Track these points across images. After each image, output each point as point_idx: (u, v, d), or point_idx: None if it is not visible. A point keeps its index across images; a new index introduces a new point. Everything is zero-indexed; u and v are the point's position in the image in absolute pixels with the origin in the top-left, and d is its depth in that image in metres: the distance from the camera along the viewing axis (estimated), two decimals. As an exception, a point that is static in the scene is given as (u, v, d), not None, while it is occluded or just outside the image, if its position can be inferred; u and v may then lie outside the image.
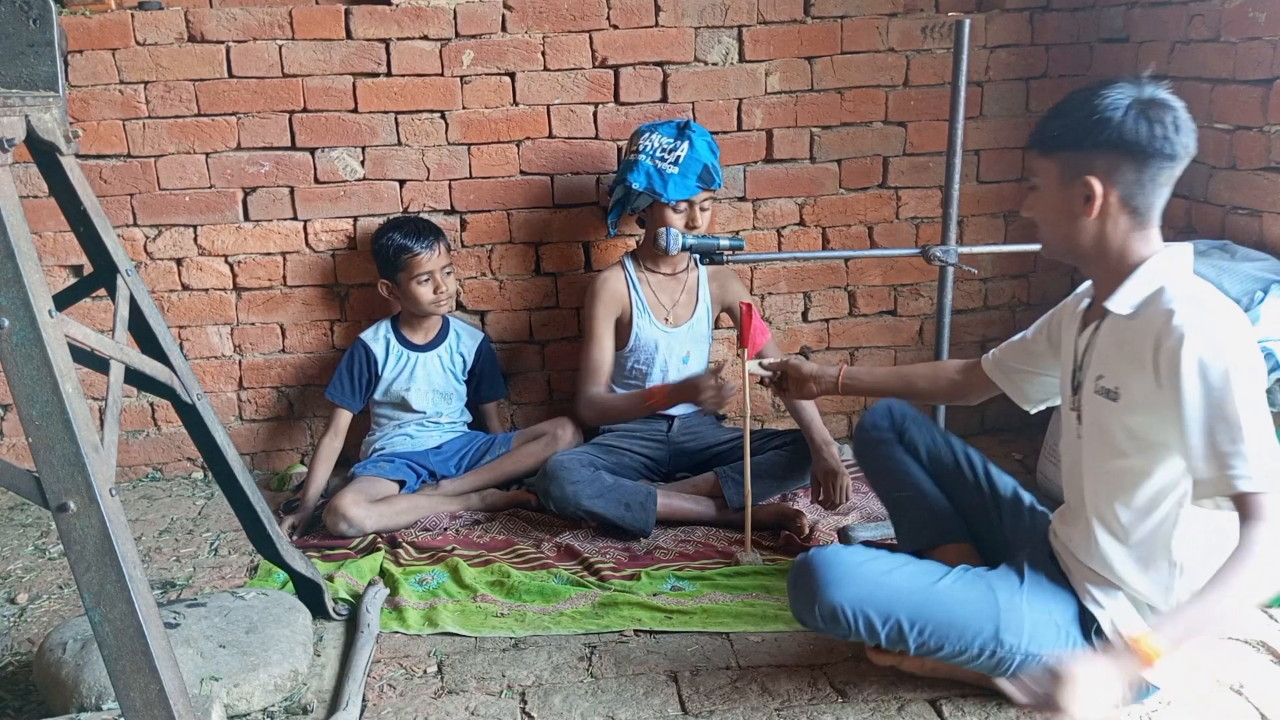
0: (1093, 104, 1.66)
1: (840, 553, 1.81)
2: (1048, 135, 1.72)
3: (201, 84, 2.90)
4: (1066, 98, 1.73)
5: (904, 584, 1.77)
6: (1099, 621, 1.76)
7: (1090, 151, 1.66)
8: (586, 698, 1.96)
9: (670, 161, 2.71)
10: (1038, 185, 1.77)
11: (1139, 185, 1.66)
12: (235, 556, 2.60)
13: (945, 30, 3.08)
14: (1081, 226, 1.71)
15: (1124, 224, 1.69)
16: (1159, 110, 1.64)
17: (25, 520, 2.85)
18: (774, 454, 2.74)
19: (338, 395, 2.93)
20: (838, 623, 1.76)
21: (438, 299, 2.87)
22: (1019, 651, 1.75)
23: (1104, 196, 1.67)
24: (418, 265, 2.82)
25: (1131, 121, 1.63)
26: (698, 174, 2.72)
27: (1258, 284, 2.36)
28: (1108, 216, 1.69)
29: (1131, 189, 1.66)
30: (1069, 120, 1.68)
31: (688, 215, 2.76)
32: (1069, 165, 1.70)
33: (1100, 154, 1.66)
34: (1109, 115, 1.64)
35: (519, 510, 2.81)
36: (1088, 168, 1.67)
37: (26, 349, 1.44)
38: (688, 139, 2.74)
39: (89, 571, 1.45)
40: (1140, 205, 1.68)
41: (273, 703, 1.94)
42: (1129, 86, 1.66)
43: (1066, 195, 1.71)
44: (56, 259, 2.96)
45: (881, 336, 3.30)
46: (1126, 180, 1.66)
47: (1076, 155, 1.68)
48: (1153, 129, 1.63)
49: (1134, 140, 1.63)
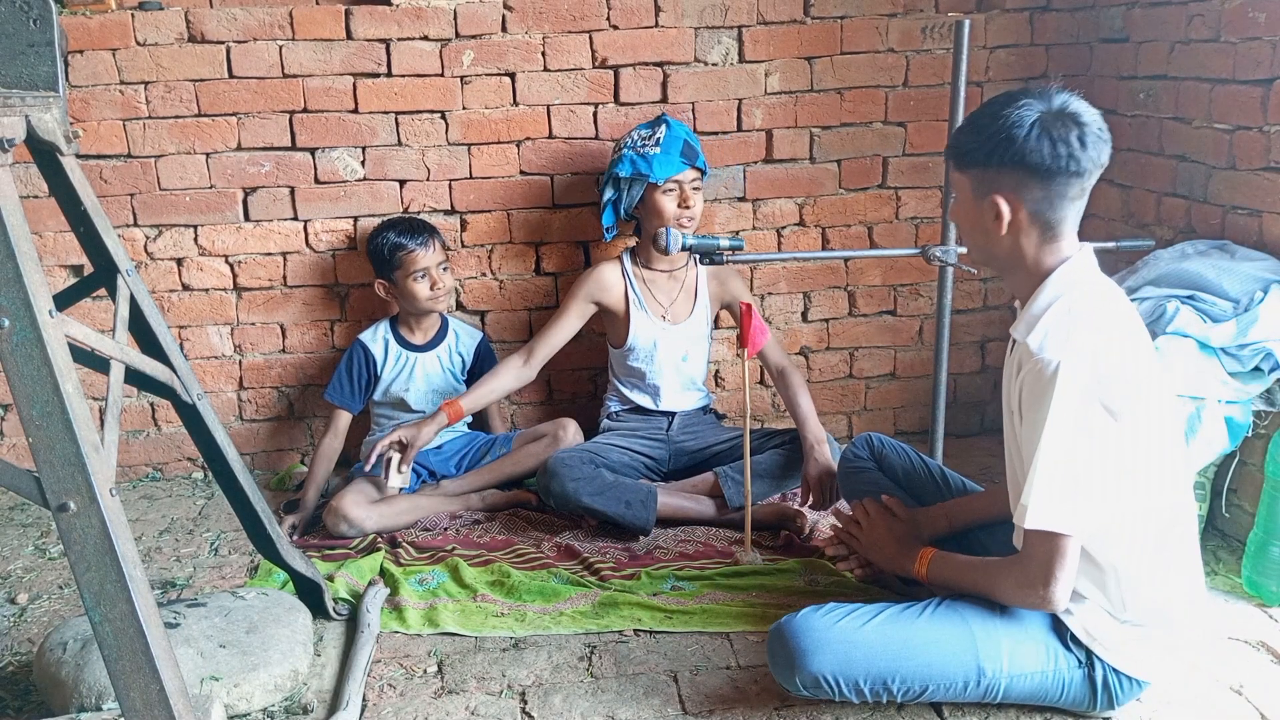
0: (998, 122, 1.67)
1: (810, 618, 1.80)
2: (959, 151, 1.75)
3: (202, 84, 2.90)
4: (978, 110, 1.75)
5: (879, 636, 1.77)
6: (1071, 629, 1.77)
7: (997, 169, 1.68)
8: (586, 698, 1.96)
9: (652, 143, 2.74)
10: (956, 197, 1.80)
11: (1047, 201, 1.68)
12: (235, 556, 2.60)
13: (945, 30, 3.08)
14: (995, 240, 1.74)
15: (1035, 237, 1.72)
16: (1064, 127, 1.64)
17: (25, 520, 2.85)
18: (774, 453, 2.74)
19: (337, 396, 2.93)
20: (821, 689, 1.77)
21: (435, 295, 2.87)
22: (1001, 676, 1.77)
23: (1013, 214, 1.70)
24: (413, 262, 2.82)
25: (1035, 140, 1.64)
26: (680, 150, 2.73)
27: (1258, 284, 2.36)
28: (1019, 231, 1.72)
29: (1040, 205, 1.69)
30: (978, 137, 1.70)
31: (679, 196, 2.75)
32: (979, 182, 1.72)
33: (1006, 172, 1.68)
34: (1014, 133, 1.65)
35: (519, 510, 2.81)
36: (996, 185, 1.70)
37: (27, 349, 1.44)
38: (664, 123, 2.78)
39: (89, 571, 1.45)
40: (1051, 220, 1.70)
41: (273, 703, 1.94)
42: (1037, 100, 1.66)
43: (979, 210, 1.74)
44: (56, 259, 2.96)
45: (881, 336, 3.30)
46: (1034, 197, 1.68)
47: (985, 172, 1.71)
48: (1055, 147, 1.64)
49: (1038, 160, 1.65)
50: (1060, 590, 1.69)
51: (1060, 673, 1.78)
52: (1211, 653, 2.04)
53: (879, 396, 3.34)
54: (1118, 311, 1.74)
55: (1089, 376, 1.62)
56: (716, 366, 3.25)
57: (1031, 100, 1.67)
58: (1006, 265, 1.78)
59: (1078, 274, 1.72)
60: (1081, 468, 1.64)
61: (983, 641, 1.77)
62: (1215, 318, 2.33)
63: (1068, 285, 1.71)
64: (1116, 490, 1.67)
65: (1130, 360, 1.68)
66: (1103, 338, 1.66)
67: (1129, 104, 3.00)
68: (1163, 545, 1.75)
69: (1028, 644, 1.78)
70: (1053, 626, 1.79)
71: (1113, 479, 1.66)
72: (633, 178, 2.75)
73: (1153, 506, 1.73)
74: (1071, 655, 1.77)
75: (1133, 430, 1.66)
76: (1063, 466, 1.63)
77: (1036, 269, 1.74)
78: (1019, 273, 1.77)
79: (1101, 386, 1.62)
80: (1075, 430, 1.62)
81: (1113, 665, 1.76)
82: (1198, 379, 2.27)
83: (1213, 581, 2.33)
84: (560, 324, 2.83)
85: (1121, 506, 1.68)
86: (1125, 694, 1.80)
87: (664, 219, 2.73)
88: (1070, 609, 1.77)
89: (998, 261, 1.79)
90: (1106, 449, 1.64)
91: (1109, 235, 2.98)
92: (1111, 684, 1.77)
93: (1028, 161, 1.65)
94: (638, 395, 2.92)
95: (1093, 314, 1.68)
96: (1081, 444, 1.63)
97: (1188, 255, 2.56)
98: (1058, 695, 1.80)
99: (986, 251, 1.79)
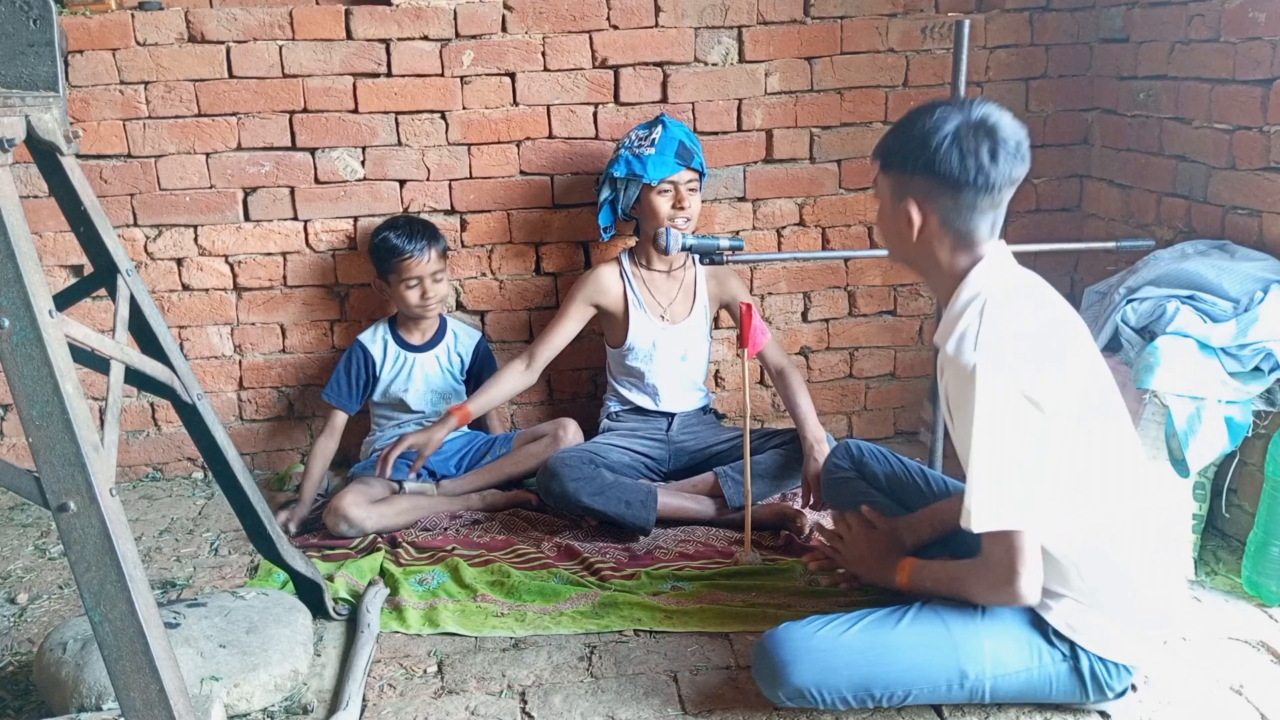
0: (917, 129, 1.69)
1: (790, 629, 1.81)
2: (883, 151, 1.77)
3: (202, 84, 2.90)
4: (906, 115, 1.77)
5: (858, 642, 1.77)
6: (1051, 624, 1.78)
7: (911, 176, 1.71)
8: (586, 698, 1.96)
9: (647, 144, 2.75)
10: (878, 197, 1.82)
11: (956, 212, 1.70)
12: (235, 556, 2.60)
13: (945, 30, 3.08)
14: (909, 245, 1.76)
15: (948, 244, 1.74)
16: (977, 140, 1.65)
17: (25, 520, 2.85)
18: (774, 453, 2.74)
19: (335, 397, 2.93)
20: (806, 700, 1.78)
21: (424, 304, 2.86)
22: (985, 677, 1.77)
23: (923, 220, 1.72)
24: (406, 269, 2.82)
25: (945, 151, 1.65)
26: (675, 151, 2.73)
27: (1257, 284, 2.36)
28: (931, 238, 1.74)
29: (949, 215, 1.71)
30: (898, 140, 1.72)
31: (673, 197, 2.75)
32: (896, 185, 1.75)
33: (919, 180, 1.70)
34: (927, 141, 1.67)
35: (519, 510, 2.80)
36: (909, 190, 1.72)
37: (26, 349, 1.44)
38: (661, 124, 2.78)
39: (89, 571, 1.45)
40: (961, 229, 1.72)
41: (273, 702, 1.94)
42: (957, 111, 1.67)
43: (895, 214, 1.76)
44: (56, 259, 2.96)
45: (881, 336, 3.30)
46: (944, 206, 1.70)
47: (901, 177, 1.73)
48: (964, 160, 1.65)
49: (947, 171, 1.66)
50: (1026, 583, 1.70)
51: (1045, 668, 1.78)
52: (1210, 652, 2.04)
53: (879, 396, 3.34)
54: (1036, 305, 1.74)
55: (1006, 371, 1.63)
56: (716, 366, 3.25)
57: (952, 110, 1.68)
58: (922, 269, 1.82)
59: (991, 274, 1.74)
60: (1014, 463, 1.64)
61: (963, 643, 1.77)
62: (1215, 318, 2.33)
63: (982, 286, 1.73)
64: (1058, 480, 1.67)
65: (1049, 351, 1.68)
66: (1014, 332, 1.67)
67: (1129, 104, 3.00)
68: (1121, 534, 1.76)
69: (1009, 643, 1.78)
70: (1033, 623, 1.79)
71: (1050, 469, 1.67)
72: (627, 178, 2.76)
73: (1103, 495, 1.73)
74: (1055, 649, 1.78)
75: (1063, 421, 1.66)
76: (997, 464, 1.64)
77: (951, 272, 1.76)
78: (934, 276, 1.80)
79: (1020, 380, 1.63)
80: (1002, 426, 1.63)
81: (1097, 654, 1.77)
82: (1198, 379, 2.27)
83: (1213, 581, 2.33)
84: (560, 327, 2.83)
85: (1068, 496, 1.69)
86: (1115, 680, 1.80)
87: (659, 220, 2.73)
88: (1049, 604, 1.77)
89: (913, 265, 1.82)
90: (1035, 440, 1.65)
91: (1109, 235, 2.98)
92: (1099, 673, 1.78)
93: (937, 171, 1.67)
94: (637, 395, 2.92)
95: (1004, 310, 1.69)
96: (1011, 439, 1.64)
97: (1188, 255, 2.56)
98: (1047, 690, 1.80)
99: (902, 254, 1.82)
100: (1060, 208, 3.25)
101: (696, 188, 2.79)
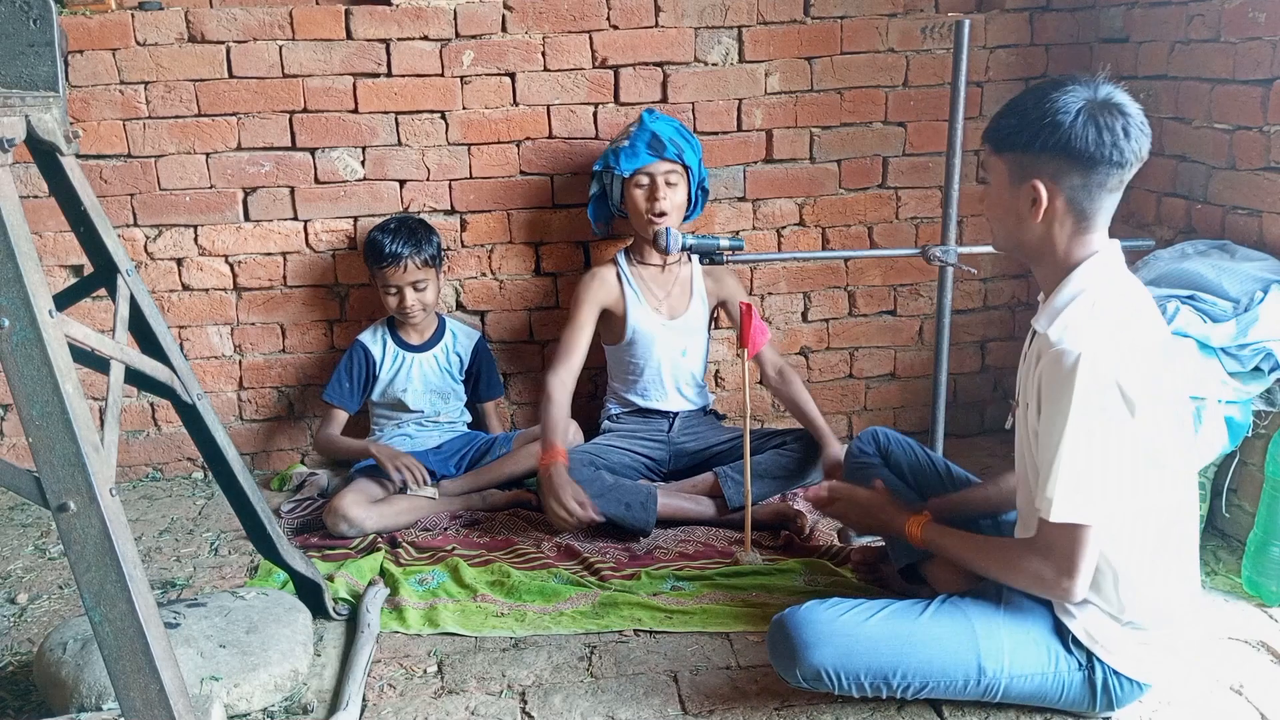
0: (1044, 106, 1.65)
1: (814, 610, 1.80)
2: (999, 133, 1.73)
3: (202, 84, 2.90)
4: (1021, 94, 1.73)
5: (881, 631, 1.77)
6: (1073, 632, 1.77)
7: (1038, 154, 1.67)
8: (586, 698, 1.96)
9: (623, 139, 2.79)
10: (989, 182, 1.79)
11: (1085, 190, 1.67)
12: (235, 556, 2.60)
13: (945, 30, 3.08)
14: (1028, 227, 1.73)
15: (1069, 227, 1.71)
16: (1110, 116, 1.63)
17: (25, 520, 2.85)
18: (774, 453, 2.74)
19: (335, 396, 2.93)
20: (822, 682, 1.77)
21: (402, 311, 2.86)
22: (1002, 675, 1.77)
23: (1050, 200, 1.69)
24: (384, 277, 2.82)
25: (1081, 127, 1.63)
26: (646, 142, 2.74)
27: (1258, 284, 2.36)
28: (1054, 219, 1.70)
29: (1078, 194, 1.68)
30: (1021, 120, 1.69)
31: (649, 189, 2.76)
32: (1017, 166, 1.71)
33: (1048, 158, 1.66)
34: (1059, 119, 1.64)
35: (519, 510, 2.81)
36: (1035, 171, 1.68)
37: (27, 349, 1.44)
38: (640, 119, 2.80)
39: (89, 571, 1.45)
40: (1087, 210, 1.69)
41: (273, 702, 1.94)
42: (1082, 89, 1.65)
43: (1014, 195, 1.72)
44: (56, 259, 2.96)
45: (881, 336, 3.30)
46: (1073, 185, 1.67)
47: (1025, 157, 1.69)
48: (1100, 135, 1.63)
49: (1082, 147, 1.63)
50: (1082, 582, 1.68)
51: (1060, 675, 1.78)
52: (1210, 652, 2.04)
53: (879, 396, 3.34)
54: (1140, 308, 1.73)
55: (1109, 368, 1.61)
56: (716, 366, 3.25)
57: (1078, 88, 1.65)
58: (1035, 254, 1.77)
59: (1104, 269, 1.72)
60: (1103, 459, 1.63)
61: (984, 640, 1.77)
62: (1215, 318, 2.33)
63: (1093, 280, 1.70)
64: (1133, 484, 1.66)
65: (1149, 356, 1.68)
66: (1124, 332, 1.65)
67: (1129, 104, 3.00)
68: (1163, 545, 1.75)
69: (1029, 645, 1.78)
70: (1055, 629, 1.79)
71: (1130, 472, 1.65)
72: (602, 171, 2.82)
73: (1157, 505, 1.72)
74: (1072, 657, 1.77)
75: (1148, 426, 1.65)
76: (1086, 457, 1.62)
77: (1065, 260, 1.73)
78: (1046, 262, 1.76)
79: (1121, 379, 1.62)
80: (1097, 421, 1.61)
81: (1113, 667, 1.76)
82: (1198, 379, 2.27)
83: (1213, 581, 2.33)
84: (579, 333, 2.79)
85: (1134, 502, 1.68)
86: (1125, 696, 1.79)
87: (638, 213, 2.76)
88: (1073, 612, 1.77)
89: (1026, 249, 1.78)
90: (1125, 441, 1.63)
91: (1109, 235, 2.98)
92: (1111, 686, 1.77)
93: (1072, 148, 1.63)
94: (636, 395, 2.92)
95: (1116, 309, 1.68)
96: (1103, 435, 1.62)
97: (1188, 255, 2.56)
98: (1057, 697, 1.80)
99: (1016, 238, 1.77)
100: (1060, 208, 3.24)
101: (677, 180, 2.78)
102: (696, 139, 2.87)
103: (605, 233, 3.01)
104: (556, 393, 2.68)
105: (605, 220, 2.95)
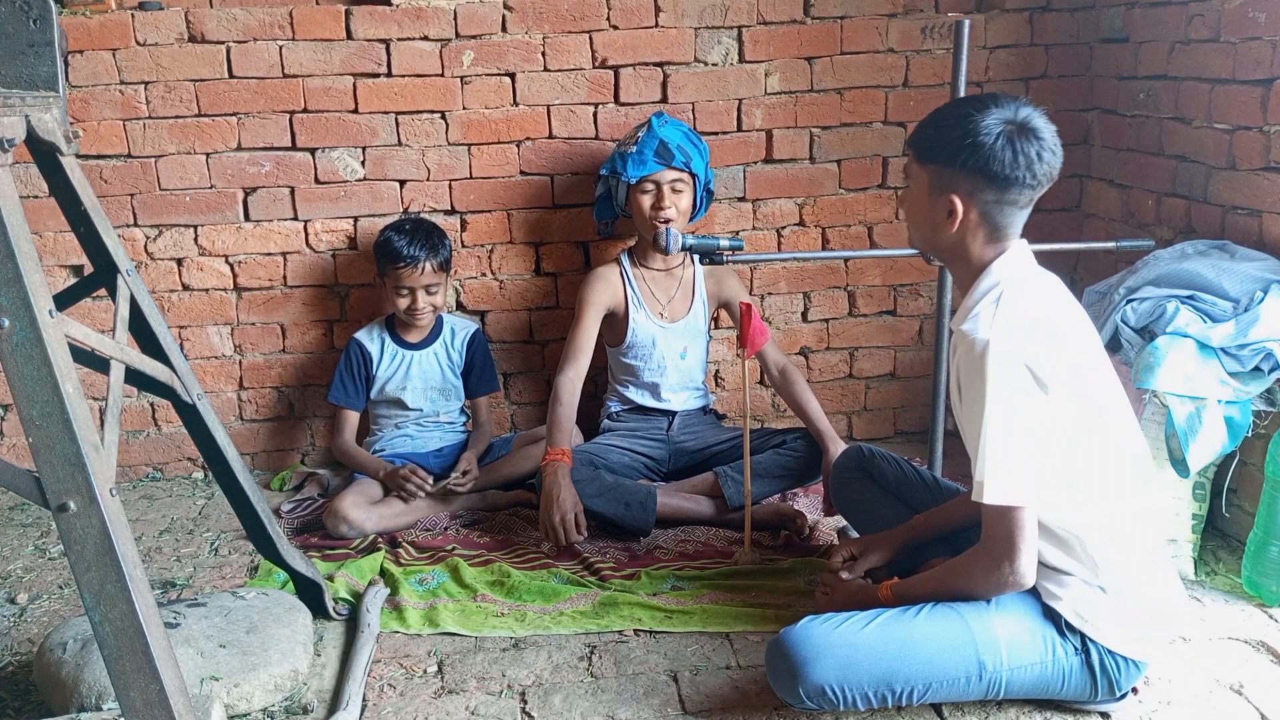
0: (967, 125, 1.75)
1: (810, 625, 1.81)
2: (923, 144, 1.82)
3: (202, 84, 2.90)
4: (946, 108, 1.85)
5: (879, 636, 1.78)
6: (1063, 615, 1.79)
7: (958, 171, 1.77)
8: (586, 698, 1.96)
9: (631, 144, 2.78)
10: (910, 186, 1.89)
11: (998, 206, 1.78)
12: (235, 556, 2.60)
13: (945, 30, 3.08)
14: (943, 235, 1.84)
15: (981, 237, 1.82)
16: (1026, 140, 1.74)
17: (25, 520, 2.85)
18: (774, 453, 2.74)
19: (340, 397, 2.93)
20: (826, 699, 1.77)
21: (413, 313, 2.85)
22: (1003, 669, 1.78)
23: (965, 214, 1.79)
24: (399, 277, 2.81)
25: (1000, 150, 1.73)
26: (654, 149, 2.74)
27: (1257, 284, 2.35)
28: (967, 230, 1.81)
29: (991, 209, 1.78)
30: (944, 136, 1.78)
31: (655, 196, 2.76)
32: (937, 178, 1.81)
33: (966, 175, 1.76)
34: (980, 140, 1.73)
35: (519, 510, 2.81)
36: (954, 185, 1.78)
37: (27, 349, 1.44)
38: (649, 123, 2.80)
39: (89, 571, 1.45)
40: (999, 223, 1.80)
41: (273, 702, 1.94)
42: (1003, 110, 1.75)
43: (932, 204, 1.82)
44: (56, 259, 2.96)
45: (881, 336, 3.30)
46: (987, 201, 1.78)
47: (946, 171, 1.79)
48: (1016, 159, 1.73)
49: (999, 169, 1.73)
50: (1025, 563, 1.73)
51: (1059, 662, 1.79)
52: (1191, 623, 2.05)
53: (879, 396, 3.34)
54: (1048, 295, 1.82)
55: (1016, 350, 1.69)
56: (716, 366, 3.25)
57: (1000, 108, 1.75)
58: (949, 258, 1.89)
59: (1013, 265, 1.81)
60: (1026, 439, 1.70)
61: (980, 634, 1.78)
62: (1215, 318, 2.33)
63: (1003, 276, 1.80)
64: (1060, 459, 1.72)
65: (1060, 338, 1.75)
66: (1027, 316, 1.74)
67: (1129, 104, 3.00)
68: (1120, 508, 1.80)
69: (1023, 634, 1.79)
70: (1045, 613, 1.81)
71: (1055, 447, 1.72)
72: (609, 175, 2.81)
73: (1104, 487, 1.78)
74: (1068, 642, 1.79)
75: (1066, 403, 1.71)
76: (1008, 439, 1.69)
77: (978, 262, 1.83)
78: (960, 265, 1.87)
79: (1030, 360, 1.69)
80: (1013, 401, 1.69)
81: (1107, 647, 1.78)
82: (1198, 379, 2.27)
83: (1213, 581, 2.33)
84: (586, 334, 2.78)
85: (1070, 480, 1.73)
86: (1124, 676, 1.81)
87: (643, 218, 2.77)
88: (1056, 593, 1.79)
89: (940, 253, 1.90)
90: (1042, 420, 1.70)
91: (1109, 235, 2.98)
92: (1109, 667, 1.79)
93: (989, 169, 1.74)
94: (637, 394, 2.93)
95: (1021, 296, 1.77)
96: (1021, 417, 1.69)
97: (1188, 255, 2.55)
98: (1059, 686, 1.81)
99: (932, 243, 1.89)
100: (1060, 208, 3.24)
101: (683, 188, 2.78)
102: (704, 142, 2.87)
103: (608, 232, 3.02)
104: (565, 394, 2.68)
105: (609, 220, 2.95)
